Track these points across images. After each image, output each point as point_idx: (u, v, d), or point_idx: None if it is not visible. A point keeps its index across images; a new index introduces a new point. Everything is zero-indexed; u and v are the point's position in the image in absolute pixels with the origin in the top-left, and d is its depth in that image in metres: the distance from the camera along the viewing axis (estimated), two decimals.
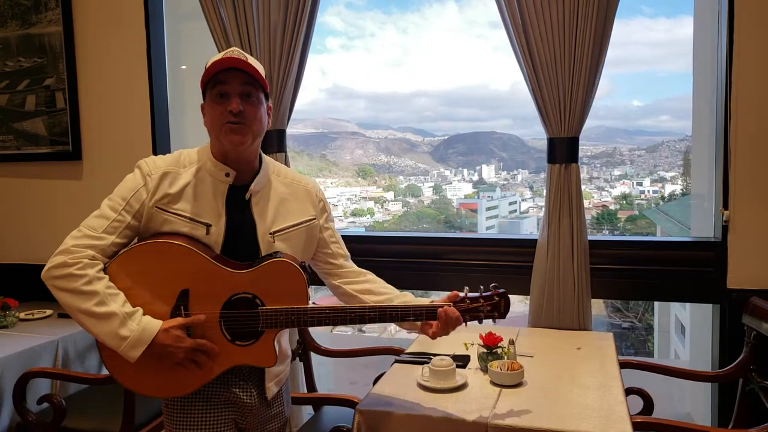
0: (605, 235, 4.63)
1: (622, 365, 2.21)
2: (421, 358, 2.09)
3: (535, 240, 2.65)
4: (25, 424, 2.45)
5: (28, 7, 3.35)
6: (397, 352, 2.40)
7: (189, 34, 3.55)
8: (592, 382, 1.94)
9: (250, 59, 1.57)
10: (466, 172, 6.54)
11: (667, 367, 2.46)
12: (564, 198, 2.55)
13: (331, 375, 3.91)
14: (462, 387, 1.88)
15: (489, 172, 6.47)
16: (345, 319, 1.61)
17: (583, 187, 2.59)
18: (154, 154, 3.18)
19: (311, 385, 2.77)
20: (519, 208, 6.40)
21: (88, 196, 3.36)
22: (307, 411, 2.95)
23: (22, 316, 3.03)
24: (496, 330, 2.12)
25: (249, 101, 1.56)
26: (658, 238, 4.01)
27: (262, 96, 1.60)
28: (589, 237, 2.60)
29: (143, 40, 3.21)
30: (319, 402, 2.61)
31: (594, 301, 2.64)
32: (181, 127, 3.45)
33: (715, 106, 2.63)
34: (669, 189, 5.66)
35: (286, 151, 2.94)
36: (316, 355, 2.77)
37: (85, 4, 3.30)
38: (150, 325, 1.49)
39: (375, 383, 2.06)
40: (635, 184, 5.88)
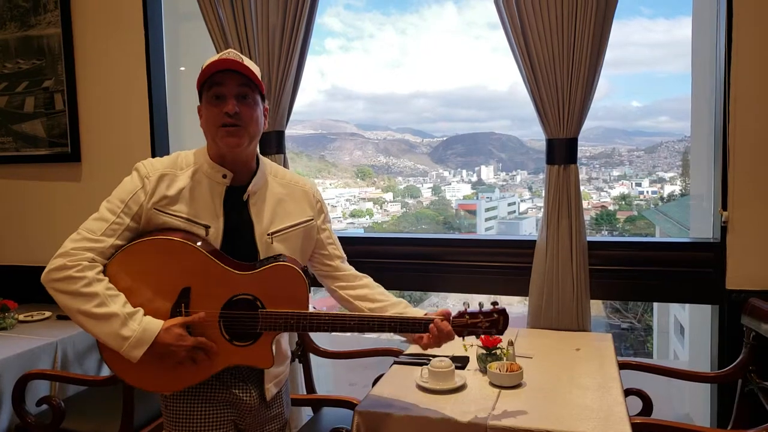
0: (604, 236, 4.64)
1: (621, 366, 2.21)
2: (420, 360, 2.09)
3: (534, 241, 2.65)
4: (24, 425, 2.45)
5: (27, 9, 3.35)
6: (396, 353, 2.40)
7: (187, 36, 3.55)
8: (591, 383, 1.94)
9: (246, 61, 1.57)
10: (464, 173, 6.55)
11: (666, 368, 2.45)
12: (563, 199, 2.55)
13: (330, 376, 3.91)
14: (461, 388, 1.88)
15: (488, 173, 6.48)
16: (343, 326, 1.61)
17: (582, 187, 2.59)
18: (153, 155, 3.18)
19: (310, 386, 2.77)
20: (518, 208, 6.41)
21: (87, 197, 3.36)
22: (307, 412, 2.95)
23: (21, 317, 3.02)
24: None
25: (245, 103, 1.56)
26: (657, 238, 4.01)
27: (258, 97, 1.60)
28: (588, 238, 2.60)
29: (142, 41, 3.21)
30: (318, 403, 2.61)
31: (593, 301, 2.64)
32: (179, 129, 3.45)
33: (714, 107, 2.63)
34: (668, 190, 5.67)
35: (285, 152, 2.94)
36: (315, 357, 2.77)
37: (83, 6, 3.30)
38: (151, 325, 1.49)
39: (374, 384, 2.06)
40: (634, 185, 5.89)
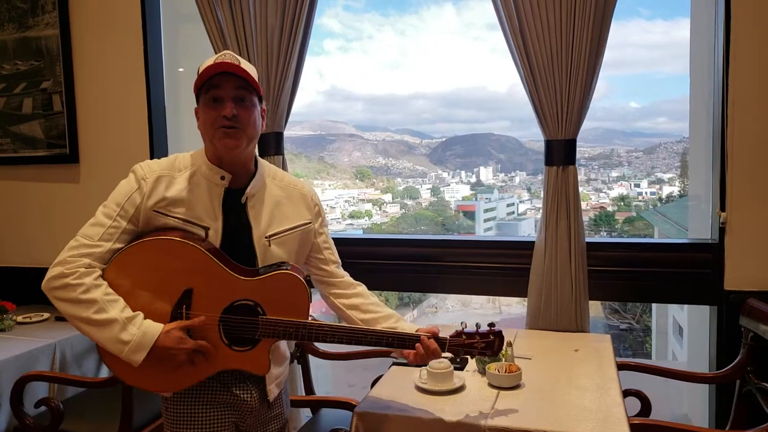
0: (603, 237, 4.64)
1: (620, 367, 2.21)
2: None
3: (533, 242, 2.65)
4: (22, 427, 2.44)
5: (25, 10, 3.35)
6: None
7: (186, 37, 3.55)
8: (590, 384, 1.94)
9: (243, 63, 1.57)
10: (463, 173, 6.54)
11: (665, 369, 2.45)
12: (561, 200, 2.55)
13: (329, 377, 3.90)
14: (460, 389, 1.88)
15: (487, 174, 6.47)
16: (342, 338, 1.61)
17: (580, 188, 2.59)
18: (152, 156, 3.18)
19: (309, 387, 2.77)
20: (517, 209, 6.40)
21: (85, 199, 3.36)
22: (306, 413, 2.95)
23: (20, 319, 3.02)
24: None
25: (243, 105, 1.55)
26: (656, 239, 4.01)
27: (255, 99, 1.60)
28: (587, 239, 2.60)
29: (140, 42, 3.21)
30: (317, 404, 2.61)
31: (592, 302, 2.64)
32: (178, 130, 3.45)
33: (712, 108, 2.64)
34: (666, 190, 5.66)
35: (284, 153, 2.94)
36: (314, 358, 2.77)
37: (82, 7, 3.29)
38: (151, 328, 1.49)
39: (373, 386, 2.06)
40: (633, 186, 5.88)
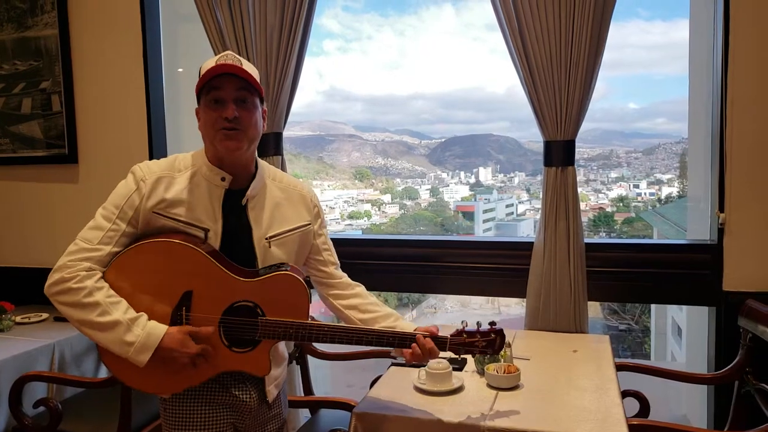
0: (601, 238, 4.65)
1: (619, 368, 2.21)
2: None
3: (532, 243, 2.65)
4: (21, 428, 2.44)
5: (24, 10, 3.35)
6: (393, 355, 2.40)
7: (185, 37, 3.55)
8: (589, 385, 1.94)
9: (244, 64, 1.56)
10: (463, 174, 6.54)
11: (664, 370, 2.45)
12: (560, 201, 2.55)
13: (328, 378, 3.91)
14: (458, 390, 1.88)
15: (486, 175, 6.48)
16: (342, 338, 1.60)
17: (579, 189, 2.59)
18: (151, 157, 3.18)
19: (308, 388, 2.77)
20: (516, 210, 6.41)
21: (84, 199, 3.36)
22: (304, 414, 2.95)
23: (19, 319, 3.01)
24: None
25: (244, 107, 1.55)
26: (655, 240, 4.01)
27: (257, 100, 1.59)
28: (586, 240, 2.60)
29: (139, 43, 3.21)
30: (315, 405, 2.61)
31: (591, 303, 2.64)
32: (177, 130, 3.45)
33: (711, 109, 2.64)
34: (665, 191, 5.67)
35: (283, 153, 2.94)
36: (312, 358, 2.77)
37: (81, 7, 3.29)
38: (155, 329, 1.49)
39: (372, 386, 2.06)
40: (632, 187, 5.89)
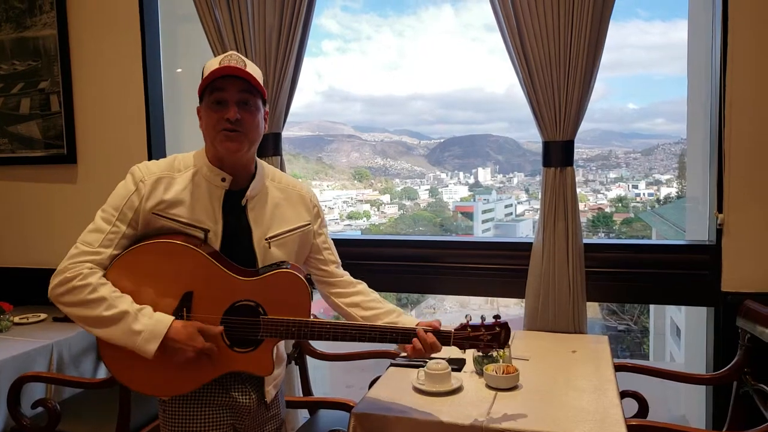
0: (600, 239, 4.65)
1: (618, 368, 2.21)
2: (417, 362, 2.09)
3: (531, 243, 2.65)
4: (19, 428, 2.44)
5: (22, 10, 3.34)
6: (392, 355, 2.40)
7: (184, 37, 3.54)
8: (588, 385, 1.94)
9: (248, 66, 1.55)
10: (462, 175, 6.54)
11: (662, 370, 2.45)
12: (559, 201, 2.55)
13: (327, 378, 3.90)
14: (457, 390, 1.88)
15: (485, 175, 6.48)
16: (345, 335, 1.60)
17: (578, 189, 2.59)
18: (150, 157, 3.18)
19: (307, 388, 2.77)
20: (515, 211, 6.40)
21: (83, 199, 3.35)
22: (303, 414, 2.94)
23: (17, 320, 3.01)
24: None
25: (246, 109, 1.55)
26: (653, 241, 4.02)
27: (259, 102, 1.59)
28: (585, 240, 2.60)
29: (138, 43, 3.21)
30: (314, 406, 2.61)
31: (589, 303, 2.64)
32: (176, 130, 3.44)
33: (710, 110, 2.64)
34: (664, 192, 5.67)
35: (282, 154, 2.94)
36: (311, 359, 2.77)
37: (80, 7, 3.29)
38: (163, 318, 1.50)
39: (371, 387, 2.06)
40: (631, 187, 5.89)
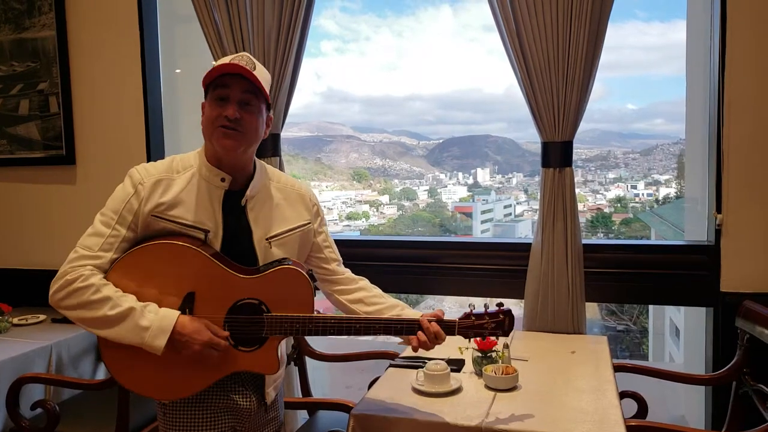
0: (599, 239, 4.66)
1: (617, 368, 2.21)
2: (416, 363, 2.09)
3: (530, 243, 2.65)
4: (18, 429, 2.43)
5: (21, 11, 3.34)
6: (391, 356, 2.40)
7: (183, 38, 3.54)
8: (587, 386, 1.94)
9: (257, 69, 1.55)
10: (461, 175, 6.55)
11: (661, 371, 2.45)
12: (558, 202, 2.55)
13: (326, 379, 3.90)
14: (456, 391, 1.88)
15: (484, 176, 6.48)
16: (350, 329, 1.59)
17: (577, 190, 2.59)
18: (149, 158, 3.18)
19: (306, 389, 2.77)
20: (514, 211, 6.42)
21: (82, 200, 3.35)
22: (302, 415, 2.94)
23: (16, 321, 3.00)
24: None
25: (247, 109, 1.54)
26: (652, 241, 4.02)
27: (262, 106, 1.58)
28: (584, 240, 2.60)
29: (137, 44, 3.20)
30: (313, 406, 2.61)
31: (588, 304, 2.64)
32: (175, 131, 3.44)
33: (708, 110, 2.64)
34: (663, 192, 5.68)
35: (281, 154, 2.94)
36: (310, 360, 2.77)
37: (78, 8, 3.29)
38: (168, 313, 1.49)
39: (370, 387, 2.06)
40: (629, 187, 5.90)
